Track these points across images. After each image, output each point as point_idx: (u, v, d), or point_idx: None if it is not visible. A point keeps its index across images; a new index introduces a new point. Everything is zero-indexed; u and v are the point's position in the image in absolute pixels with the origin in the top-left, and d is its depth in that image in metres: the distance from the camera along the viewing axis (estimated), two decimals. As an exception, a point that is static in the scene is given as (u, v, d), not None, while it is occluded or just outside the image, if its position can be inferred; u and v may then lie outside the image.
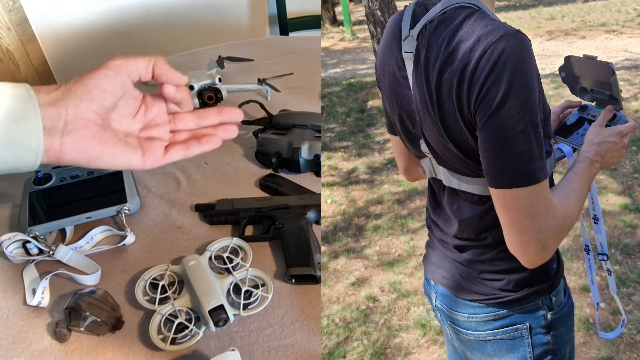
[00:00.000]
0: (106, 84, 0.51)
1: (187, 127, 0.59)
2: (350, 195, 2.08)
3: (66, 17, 1.99)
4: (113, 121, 0.53)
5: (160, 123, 0.58)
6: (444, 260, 0.70)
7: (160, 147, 0.56)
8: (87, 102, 0.49)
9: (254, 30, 2.26)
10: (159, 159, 0.56)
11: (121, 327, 0.72)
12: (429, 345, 1.34)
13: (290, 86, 1.36)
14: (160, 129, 0.58)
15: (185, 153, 0.57)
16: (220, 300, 0.70)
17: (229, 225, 0.91)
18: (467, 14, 0.54)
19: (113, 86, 0.51)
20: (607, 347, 1.27)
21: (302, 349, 0.70)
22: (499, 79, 0.50)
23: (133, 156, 0.54)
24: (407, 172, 0.76)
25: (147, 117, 0.57)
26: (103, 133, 0.51)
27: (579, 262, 1.56)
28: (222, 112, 0.60)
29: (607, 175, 1.98)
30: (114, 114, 0.53)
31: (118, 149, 0.52)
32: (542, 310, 0.64)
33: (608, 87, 0.66)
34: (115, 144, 0.52)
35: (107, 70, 0.51)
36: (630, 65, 3.15)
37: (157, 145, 0.56)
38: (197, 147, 0.58)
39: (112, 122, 0.53)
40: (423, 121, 0.60)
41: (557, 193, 0.57)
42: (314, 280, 0.79)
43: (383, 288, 1.57)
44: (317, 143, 1.01)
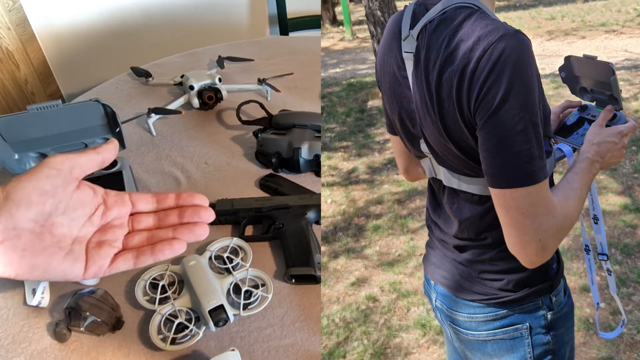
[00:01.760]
0: (47, 184, 0.46)
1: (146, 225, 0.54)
2: (350, 195, 2.08)
3: (66, 17, 1.99)
4: (59, 226, 0.47)
5: (117, 225, 0.52)
6: (444, 260, 0.70)
7: (108, 256, 0.50)
8: (24, 209, 0.44)
9: (254, 30, 2.26)
10: (102, 270, 0.50)
11: (121, 327, 0.72)
12: (429, 345, 1.34)
13: (290, 86, 1.36)
14: (115, 231, 0.52)
15: (134, 263, 0.51)
16: (220, 300, 0.70)
17: (229, 225, 0.91)
18: (467, 14, 0.54)
19: (54, 187, 0.46)
20: (607, 347, 1.27)
21: (302, 349, 0.70)
22: (499, 79, 0.50)
23: (72, 268, 0.48)
24: (407, 172, 0.76)
25: (105, 219, 0.52)
26: (39, 242, 0.46)
27: (579, 262, 1.56)
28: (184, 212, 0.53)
29: (607, 175, 1.98)
30: (62, 217, 0.48)
31: (54, 260, 0.46)
32: (542, 310, 0.64)
33: (608, 87, 0.66)
34: (52, 254, 0.46)
35: (48, 170, 0.46)
36: (630, 65, 3.15)
37: (105, 254, 0.50)
38: (148, 258, 0.51)
39: (58, 227, 0.47)
40: (423, 121, 0.60)
41: (557, 193, 0.57)
42: (314, 280, 0.79)
43: (383, 288, 1.57)
44: (317, 143, 1.01)
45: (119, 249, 0.51)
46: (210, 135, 1.16)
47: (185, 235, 0.52)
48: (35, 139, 0.89)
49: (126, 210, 0.54)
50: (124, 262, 0.50)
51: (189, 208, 0.54)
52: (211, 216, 0.54)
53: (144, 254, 0.51)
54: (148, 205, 0.55)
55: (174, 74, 1.36)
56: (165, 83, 1.36)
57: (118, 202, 0.53)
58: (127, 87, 1.38)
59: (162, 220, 0.54)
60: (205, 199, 0.55)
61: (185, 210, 0.54)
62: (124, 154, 1.03)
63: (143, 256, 0.51)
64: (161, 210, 0.55)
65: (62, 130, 0.90)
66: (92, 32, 2.06)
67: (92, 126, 0.93)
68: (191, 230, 0.53)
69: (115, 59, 2.12)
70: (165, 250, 0.51)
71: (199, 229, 0.53)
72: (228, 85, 1.30)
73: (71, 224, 0.49)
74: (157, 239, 0.52)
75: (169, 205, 0.55)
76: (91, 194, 0.51)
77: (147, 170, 1.04)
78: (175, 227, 0.53)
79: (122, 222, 0.53)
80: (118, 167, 0.96)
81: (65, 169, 0.47)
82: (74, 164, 0.48)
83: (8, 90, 1.83)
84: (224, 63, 1.42)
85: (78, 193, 0.49)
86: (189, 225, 0.53)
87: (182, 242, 0.51)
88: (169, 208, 0.55)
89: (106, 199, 0.53)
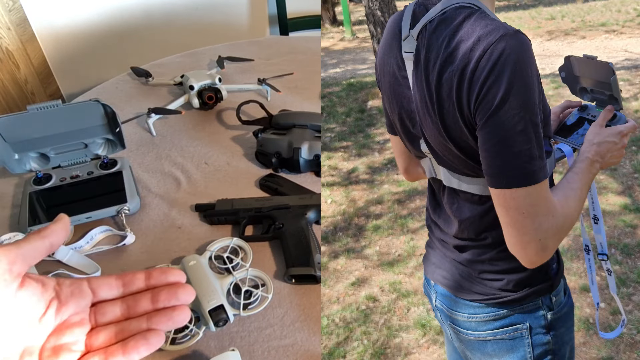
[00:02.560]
0: None
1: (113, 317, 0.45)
2: (350, 195, 2.08)
3: (66, 17, 1.99)
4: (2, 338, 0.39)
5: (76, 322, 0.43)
6: (444, 260, 0.70)
7: None
8: None
9: (254, 30, 2.26)
10: None
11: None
12: (429, 345, 1.34)
13: (290, 86, 1.36)
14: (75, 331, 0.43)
15: None
16: (220, 300, 0.70)
17: (229, 225, 0.91)
18: (467, 14, 0.54)
19: None
20: (607, 347, 1.27)
21: (302, 349, 0.70)
22: (499, 79, 0.50)
23: None
24: (407, 172, 0.76)
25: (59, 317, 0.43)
26: None
27: (579, 262, 1.56)
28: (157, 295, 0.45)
29: (607, 175, 1.98)
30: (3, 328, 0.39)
31: None
32: (542, 310, 0.64)
33: (608, 87, 0.66)
34: None
35: None
36: (630, 65, 3.15)
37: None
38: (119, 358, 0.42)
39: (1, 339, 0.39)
40: (423, 121, 0.60)
41: (557, 193, 0.57)
42: (314, 280, 0.79)
43: (383, 288, 1.57)
44: (317, 143, 1.01)
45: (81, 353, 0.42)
46: (210, 135, 1.16)
47: (162, 324, 0.44)
48: (35, 139, 0.89)
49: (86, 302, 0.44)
50: None
51: (163, 289, 0.45)
52: (191, 295, 0.46)
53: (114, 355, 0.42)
54: (112, 291, 0.46)
55: (174, 74, 1.36)
56: (165, 83, 1.36)
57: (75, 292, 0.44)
58: (127, 87, 1.38)
59: (131, 308, 0.45)
60: (181, 275, 0.47)
61: (159, 292, 0.45)
62: (124, 154, 1.03)
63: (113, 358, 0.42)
64: (129, 295, 0.46)
65: (62, 130, 0.90)
66: (92, 32, 2.06)
67: (92, 126, 0.93)
68: (169, 317, 0.44)
69: (115, 59, 2.12)
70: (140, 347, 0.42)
71: (179, 314, 0.44)
72: (228, 85, 1.30)
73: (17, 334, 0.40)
74: (127, 333, 0.43)
75: (137, 288, 0.46)
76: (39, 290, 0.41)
77: (147, 170, 1.04)
78: (150, 315, 0.44)
79: (82, 317, 0.44)
80: (118, 167, 0.96)
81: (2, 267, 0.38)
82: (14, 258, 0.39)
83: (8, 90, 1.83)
84: (224, 63, 1.42)
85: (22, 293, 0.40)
86: (166, 311, 0.44)
87: (159, 334, 0.43)
88: (139, 291, 0.46)
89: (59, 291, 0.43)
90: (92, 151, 0.97)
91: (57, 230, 0.43)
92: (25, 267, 0.40)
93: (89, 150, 0.96)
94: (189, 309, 0.45)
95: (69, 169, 0.95)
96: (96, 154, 0.98)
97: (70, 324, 0.43)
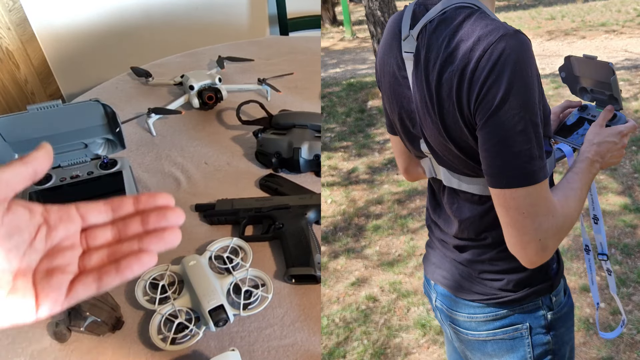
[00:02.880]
0: None
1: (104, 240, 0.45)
2: (350, 195, 2.08)
3: (66, 17, 1.99)
4: None
5: (68, 246, 0.44)
6: (444, 260, 0.70)
7: (62, 285, 0.42)
8: None
9: (254, 30, 2.26)
10: (59, 302, 0.41)
11: (121, 327, 0.72)
12: (429, 345, 1.34)
13: (290, 86, 1.36)
14: (66, 254, 0.43)
15: (97, 287, 0.42)
16: (220, 300, 0.70)
17: (229, 225, 0.91)
18: (467, 14, 0.54)
19: None
20: (607, 347, 1.27)
21: (302, 349, 0.70)
22: (499, 79, 0.50)
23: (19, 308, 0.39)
24: (407, 172, 0.76)
25: (50, 242, 0.43)
26: None
27: (579, 262, 1.56)
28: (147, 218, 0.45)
29: (607, 175, 1.98)
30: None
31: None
32: (542, 310, 0.64)
33: (608, 87, 0.66)
34: None
35: None
36: (630, 65, 3.15)
37: (57, 283, 0.41)
38: (113, 278, 0.42)
39: None
40: (423, 121, 0.60)
41: (557, 193, 0.57)
42: (314, 280, 0.79)
43: (383, 288, 1.57)
44: (317, 143, 1.01)
45: (74, 274, 0.43)
46: (210, 135, 1.16)
47: (153, 244, 0.44)
48: (35, 139, 0.89)
49: (75, 227, 0.45)
50: (84, 288, 0.42)
51: (152, 212, 0.46)
52: (180, 217, 0.46)
53: (108, 274, 0.42)
54: (101, 216, 0.46)
55: (174, 74, 1.36)
56: (165, 83, 1.36)
57: (63, 218, 0.44)
58: (127, 87, 1.38)
59: (121, 231, 0.45)
60: (170, 198, 0.47)
61: (148, 215, 0.45)
62: (124, 154, 1.03)
63: (107, 277, 0.42)
64: (119, 220, 0.46)
65: (62, 130, 0.90)
66: (92, 32, 2.06)
67: (92, 126, 0.93)
68: (160, 237, 0.44)
69: (115, 59, 2.12)
70: (133, 265, 0.42)
71: (169, 234, 0.44)
72: (228, 85, 1.30)
73: (8, 255, 0.40)
74: (120, 254, 0.44)
75: (127, 213, 0.46)
76: (27, 215, 0.42)
77: (147, 170, 1.04)
78: (140, 237, 0.45)
79: (72, 242, 0.44)
80: (118, 167, 0.96)
81: None
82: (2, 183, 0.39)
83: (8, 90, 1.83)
84: (224, 63, 1.42)
85: (10, 217, 0.40)
86: (156, 232, 0.45)
87: (151, 254, 0.43)
88: (128, 216, 0.46)
89: (47, 217, 0.43)
90: (92, 151, 0.97)
91: (39, 158, 0.43)
92: (10, 192, 0.40)
93: (89, 150, 0.96)
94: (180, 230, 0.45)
95: (69, 169, 0.95)
96: (96, 154, 0.98)
97: (61, 248, 0.43)
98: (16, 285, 0.40)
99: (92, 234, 0.45)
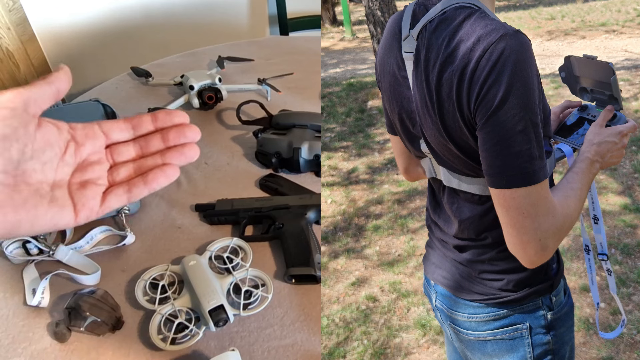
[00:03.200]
0: (5, 128, 0.39)
1: (128, 156, 0.49)
2: (350, 195, 2.08)
3: (66, 17, 1.99)
4: (32, 172, 0.42)
5: (96, 161, 0.47)
6: (444, 260, 0.70)
7: (96, 195, 0.45)
8: None
9: (254, 30, 2.26)
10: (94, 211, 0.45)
11: (121, 327, 0.72)
12: (429, 345, 1.34)
13: (290, 86, 1.36)
14: (95, 168, 0.47)
15: (127, 197, 0.46)
16: (220, 300, 0.70)
17: (229, 225, 0.91)
18: (467, 14, 0.54)
19: (14, 129, 0.40)
20: (607, 347, 1.27)
21: (302, 349, 0.70)
22: (499, 79, 0.50)
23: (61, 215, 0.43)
24: (407, 172, 0.76)
25: (79, 157, 0.46)
26: (16, 194, 0.40)
27: (579, 262, 1.56)
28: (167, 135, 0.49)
29: (607, 175, 1.98)
30: (32, 162, 0.42)
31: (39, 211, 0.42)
32: (542, 310, 0.64)
33: (608, 87, 0.66)
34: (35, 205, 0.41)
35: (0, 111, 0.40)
36: (630, 65, 3.15)
37: (92, 193, 0.45)
38: (142, 189, 0.47)
39: (31, 174, 0.42)
40: (423, 121, 0.60)
41: (557, 193, 0.57)
42: (314, 280, 0.79)
43: (383, 288, 1.57)
44: (317, 143, 1.01)
45: (105, 186, 0.46)
46: (210, 135, 1.16)
47: (175, 158, 0.48)
48: (35, 139, 0.89)
49: (100, 143, 0.48)
50: (116, 198, 0.46)
51: (171, 129, 0.49)
52: (197, 134, 0.49)
53: (136, 186, 0.46)
54: (123, 134, 0.49)
55: (174, 74, 1.36)
56: (165, 83, 1.36)
57: (89, 135, 0.47)
58: (127, 87, 1.38)
59: (144, 147, 0.49)
60: (185, 116, 0.50)
61: (168, 132, 0.49)
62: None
63: (136, 189, 0.46)
64: (140, 137, 0.49)
65: (62, 130, 0.90)
66: (92, 32, 2.06)
67: (92, 126, 0.93)
68: (181, 152, 0.48)
69: (115, 59, 2.12)
70: (159, 177, 0.46)
71: (189, 150, 0.48)
72: (228, 85, 1.30)
73: (44, 168, 0.43)
74: (145, 168, 0.48)
75: (147, 130, 0.50)
76: (55, 131, 0.44)
77: (147, 170, 1.04)
78: (163, 153, 0.48)
79: (99, 157, 0.47)
80: (118, 167, 0.96)
81: (19, 107, 0.40)
82: (27, 99, 0.41)
83: (8, 90, 1.83)
84: (224, 63, 1.42)
85: (41, 132, 0.43)
86: (177, 147, 0.48)
87: (174, 167, 0.47)
88: (148, 133, 0.50)
89: (74, 134, 0.46)
90: (92, 151, 0.97)
91: (61, 77, 0.45)
92: (38, 109, 0.43)
93: (89, 150, 0.96)
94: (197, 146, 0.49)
95: (69, 169, 0.95)
96: (96, 154, 0.98)
97: (90, 162, 0.47)
98: (55, 196, 0.43)
99: (117, 150, 0.49)
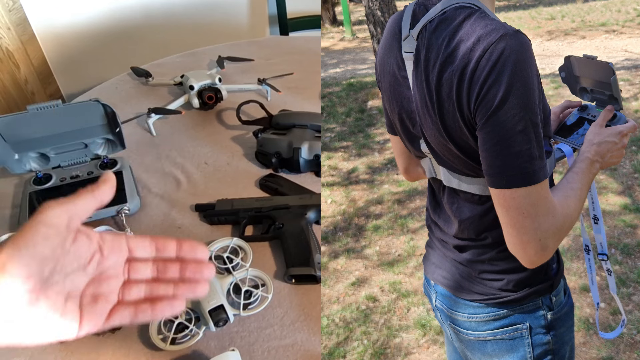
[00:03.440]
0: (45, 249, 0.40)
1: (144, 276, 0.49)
2: (350, 195, 2.08)
3: (66, 17, 1.99)
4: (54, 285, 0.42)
5: (113, 275, 0.48)
6: (444, 260, 0.70)
7: (104, 312, 0.45)
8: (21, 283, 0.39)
9: (254, 30, 2.26)
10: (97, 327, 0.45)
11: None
12: (429, 345, 1.34)
13: (290, 86, 1.36)
14: (111, 283, 0.47)
15: (130, 320, 0.46)
16: (220, 300, 0.70)
17: (229, 225, 0.91)
18: (467, 14, 0.54)
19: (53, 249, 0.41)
20: (607, 347, 1.27)
21: (302, 349, 0.70)
22: (499, 79, 0.50)
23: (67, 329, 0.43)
24: (407, 172, 0.76)
25: (100, 268, 0.47)
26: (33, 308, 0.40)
27: (579, 262, 1.56)
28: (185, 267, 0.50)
29: (607, 175, 1.98)
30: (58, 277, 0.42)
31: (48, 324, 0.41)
32: (542, 310, 0.64)
33: (608, 87, 0.66)
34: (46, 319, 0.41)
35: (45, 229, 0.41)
36: (630, 65, 3.15)
37: (100, 310, 0.45)
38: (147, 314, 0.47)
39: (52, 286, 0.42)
40: (423, 121, 0.60)
41: (557, 193, 0.57)
42: (314, 280, 0.79)
43: (383, 288, 1.57)
44: (317, 143, 1.01)
45: (114, 303, 0.47)
46: (210, 135, 1.16)
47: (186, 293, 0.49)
48: (35, 139, 0.89)
49: (123, 257, 0.49)
50: (120, 318, 0.46)
51: (190, 263, 0.50)
52: (212, 273, 0.51)
53: (143, 312, 0.47)
54: (146, 252, 0.50)
55: (174, 74, 1.36)
56: (165, 83, 1.36)
57: (115, 248, 0.48)
58: (127, 87, 1.38)
59: (161, 272, 0.50)
60: (206, 251, 0.52)
61: (187, 265, 0.50)
62: (124, 154, 1.03)
63: (142, 314, 0.47)
64: (159, 260, 0.50)
65: (62, 130, 0.90)
66: (92, 32, 2.06)
67: (92, 126, 0.93)
68: (192, 289, 0.49)
69: (115, 59, 2.12)
70: (166, 310, 0.47)
71: (201, 287, 0.49)
72: (228, 85, 1.30)
73: (65, 280, 0.43)
74: (156, 295, 0.48)
75: (169, 256, 0.51)
76: (87, 243, 0.46)
77: (147, 170, 1.04)
78: (176, 283, 0.49)
79: (117, 271, 0.48)
80: (118, 167, 0.96)
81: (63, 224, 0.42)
82: (72, 214, 0.43)
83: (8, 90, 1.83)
84: (224, 63, 1.42)
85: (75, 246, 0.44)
86: (190, 282, 0.50)
87: (182, 302, 0.48)
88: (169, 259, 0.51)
89: (102, 245, 0.47)
90: (92, 151, 0.97)
91: (105, 190, 0.47)
92: (79, 222, 0.45)
93: (89, 150, 0.96)
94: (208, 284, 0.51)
95: (69, 169, 0.95)
96: (96, 154, 0.98)
97: (107, 276, 0.47)
98: (66, 309, 0.43)
99: (135, 266, 0.50)
